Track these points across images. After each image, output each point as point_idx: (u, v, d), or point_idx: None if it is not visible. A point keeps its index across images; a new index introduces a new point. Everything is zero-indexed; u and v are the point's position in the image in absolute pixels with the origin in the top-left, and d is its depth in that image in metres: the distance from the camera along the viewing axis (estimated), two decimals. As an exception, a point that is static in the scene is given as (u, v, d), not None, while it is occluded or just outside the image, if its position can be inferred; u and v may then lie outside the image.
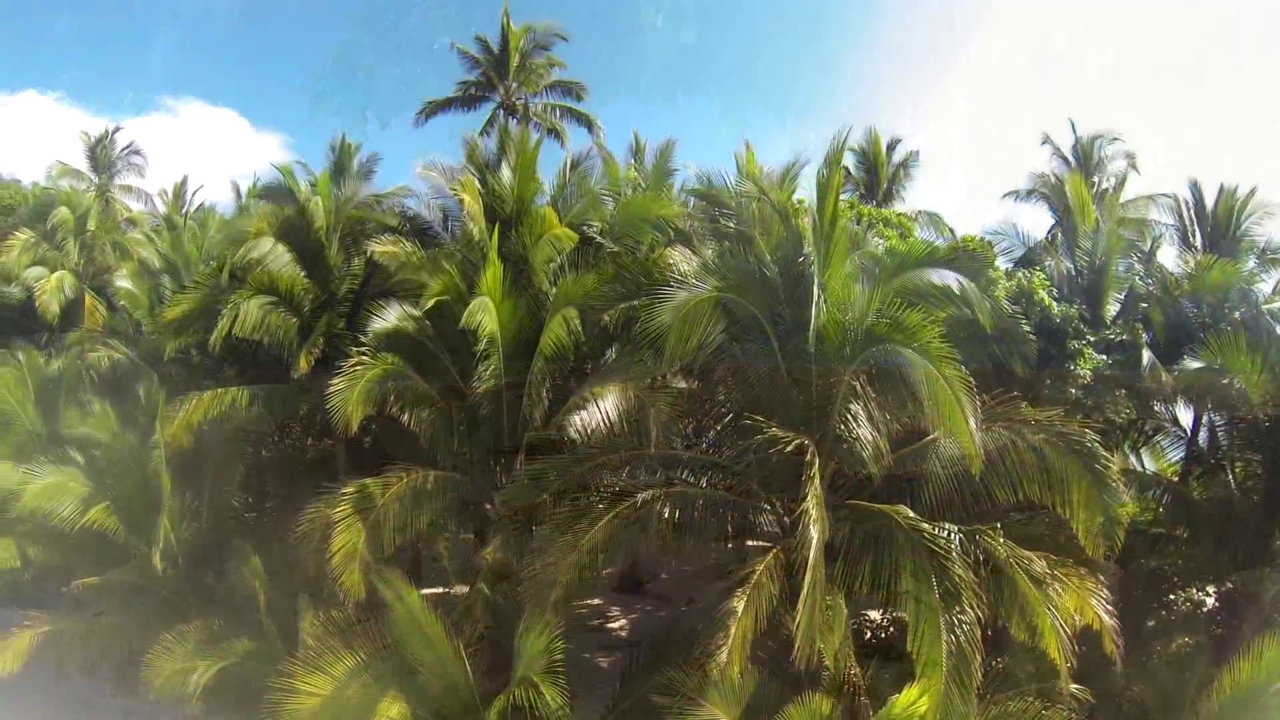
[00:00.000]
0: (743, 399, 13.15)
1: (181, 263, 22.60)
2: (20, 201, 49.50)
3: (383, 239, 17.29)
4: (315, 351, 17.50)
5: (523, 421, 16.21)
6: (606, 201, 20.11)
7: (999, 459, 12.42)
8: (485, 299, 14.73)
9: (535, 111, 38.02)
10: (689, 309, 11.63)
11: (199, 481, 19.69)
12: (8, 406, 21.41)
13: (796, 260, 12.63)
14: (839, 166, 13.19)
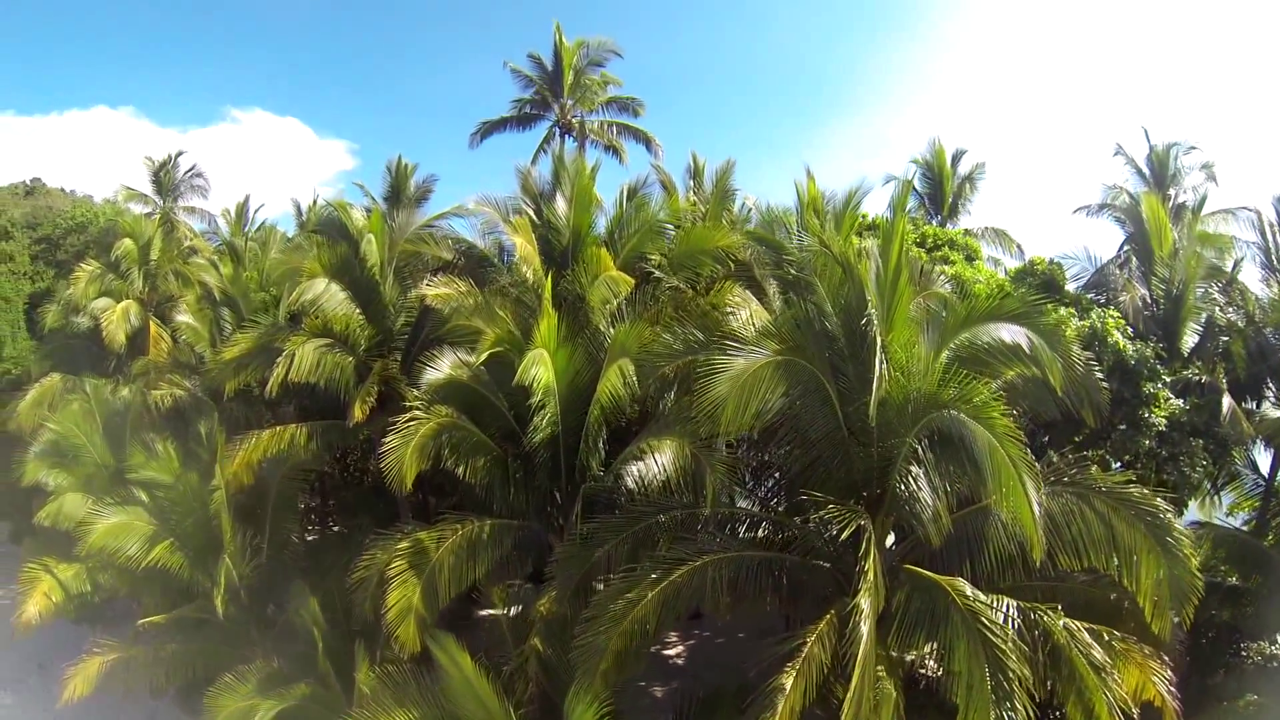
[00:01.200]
0: (803, 457, 12.70)
1: (240, 295, 22.89)
2: (91, 219, 50.99)
3: (435, 281, 17.17)
4: (370, 400, 17.53)
5: (580, 467, 15.99)
6: (666, 231, 19.73)
7: (1064, 525, 11.95)
8: (540, 352, 14.51)
9: (592, 129, 37.68)
10: (746, 379, 11.22)
11: (259, 517, 19.96)
12: (77, 440, 21.97)
13: (859, 317, 12.12)
14: (904, 213, 12.65)
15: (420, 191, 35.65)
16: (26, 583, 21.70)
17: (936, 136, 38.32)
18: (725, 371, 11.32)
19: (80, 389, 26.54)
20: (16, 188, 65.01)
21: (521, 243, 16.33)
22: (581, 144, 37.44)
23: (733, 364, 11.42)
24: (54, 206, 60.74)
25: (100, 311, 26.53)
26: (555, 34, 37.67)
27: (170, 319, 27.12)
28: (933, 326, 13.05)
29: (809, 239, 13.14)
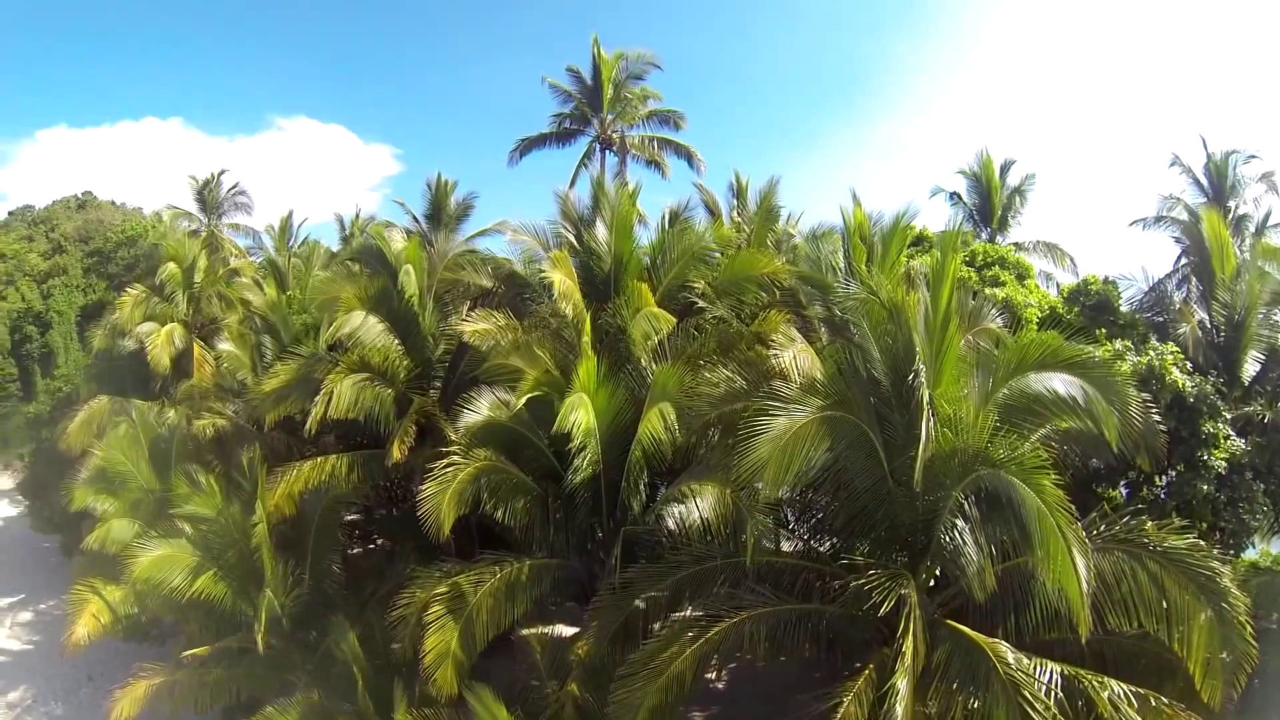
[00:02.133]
0: (846, 508, 12.34)
1: (280, 320, 22.99)
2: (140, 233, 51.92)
3: (473, 316, 17.00)
4: (408, 441, 17.44)
5: (621, 506, 15.75)
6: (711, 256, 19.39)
7: (1114, 584, 11.55)
8: (579, 396, 14.28)
9: (633, 144, 37.34)
10: (788, 439, 10.89)
11: (301, 547, 19.99)
12: (123, 466, 22.22)
13: (907, 364, 11.71)
14: (955, 254, 12.16)
15: (460, 209, 35.68)
16: (75, 604, 22.07)
17: (984, 147, 37.47)
18: (766, 433, 10.97)
19: (127, 412, 26.88)
20: (69, 201, 66.47)
21: (560, 278, 16.10)
22: (622, 159, 37.15)
23: (774, 423, 11.08)
24: (105, 220, 61.99)
25: (145, 336, 26.90)
26: (593, 47, 37.40)
27: (214, 341, 27.41)
28: (983, 371, 12.58)
29: (856, 286, 12.66)
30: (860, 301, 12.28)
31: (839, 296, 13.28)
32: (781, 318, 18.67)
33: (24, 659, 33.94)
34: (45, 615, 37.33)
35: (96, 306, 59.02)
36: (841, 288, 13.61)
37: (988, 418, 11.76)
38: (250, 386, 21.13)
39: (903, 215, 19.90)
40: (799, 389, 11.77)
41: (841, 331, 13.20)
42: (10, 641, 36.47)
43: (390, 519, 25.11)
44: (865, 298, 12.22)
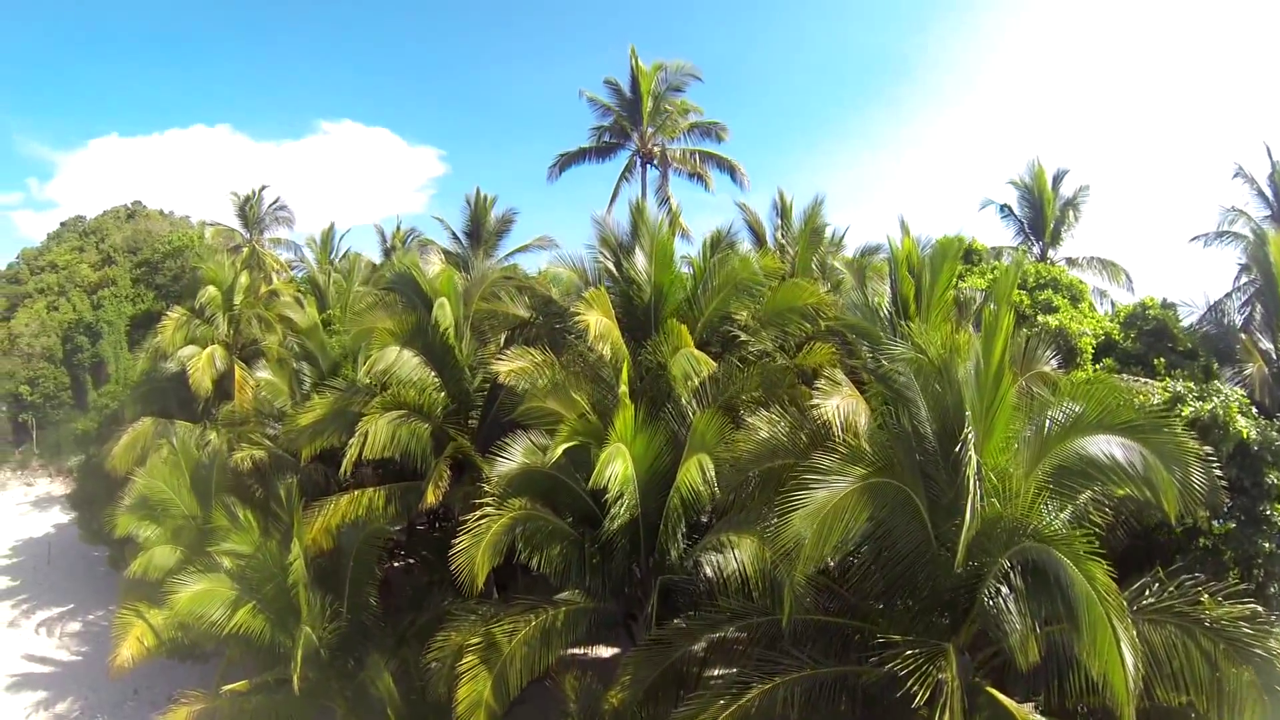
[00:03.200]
0: (887, 575, 11.79)
1: (318, 348, 22.93)
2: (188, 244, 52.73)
3: (508, 354, 16.64)
4: (442, 484, 17.22)
5: (659, 549, 15.35)
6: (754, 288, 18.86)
7: (1165, 659, 10.90)
8: (617, 447, 13.90)
9: (674, 157, 36.78)
10: (827, 513, 10.39)
11: (338, 581, 19.92)
12: (165, 495, 22.37)
13: (955, 421, 11.12)
14: (1008, 306, 11.51)
15: (500, 225, 35.56)
16: (120, 627, 22.34)
17: (1036, 158, 36.37)
18: (803, 507, 10.49)
19: (170, 434, 27.17)
20: (118, 211, 67.74)
21: (596, 319, 15.67)
22: (664, 173, 36.65)
23: (812, 496, 10.57)
24: (153, 230, 63.09)
25: (187, 359, 27.12)
26: (631, 59, 36.76)
27: (255, 363, 27.54)
28: (1034, 429, 11.90)
29: (904, 344, 12.04)
30: (908, 361, 11.69)
31: (885, 349, 12.71)
32: (827, 352, 18.16)
33: (72, 670, 34.49)
34: (93, 626, 37.95)
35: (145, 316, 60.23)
36: (888, 340, 12.98)
37: (1037, 481, 11.18)
38: (287, 416, 21.05)
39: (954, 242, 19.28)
40: (839, 459, 11.19)
41: (888, 382, 12.61)
42: (60, 651, 37.10)
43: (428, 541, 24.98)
44: (913, 357, 11.62)
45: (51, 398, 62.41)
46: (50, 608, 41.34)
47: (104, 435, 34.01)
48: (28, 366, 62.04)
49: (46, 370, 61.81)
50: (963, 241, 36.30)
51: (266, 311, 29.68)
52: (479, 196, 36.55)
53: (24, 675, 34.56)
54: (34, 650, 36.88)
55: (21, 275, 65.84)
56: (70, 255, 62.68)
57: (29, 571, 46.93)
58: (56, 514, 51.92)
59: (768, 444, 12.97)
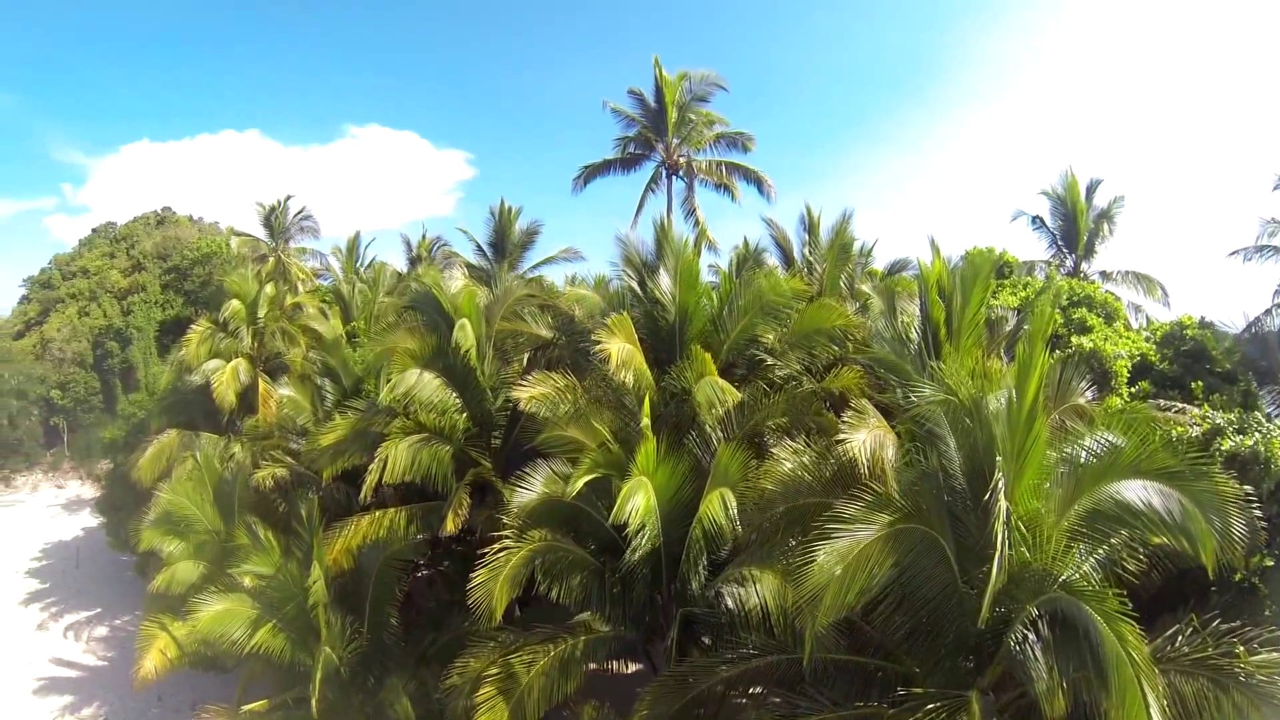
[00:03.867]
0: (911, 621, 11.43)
1: (340, 365, 22.87)
2: (217, 250, 53.11)
3: (529, 379, 16.42)
4: (461, 513, 17.06)
5: (681, 578, 15.07)
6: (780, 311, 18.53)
7: (1196, 710, 10.55)
8: (639, 480, 13.62)
9: (700, 168, 36.39)
10: (850, 562, 10.06)
11: (359, 601, 19.83)
12: (188, 510, 22.41)
13: (986, 463, 10.75)
14: (1043, 346, 11.05)
15: (525, 237, 35.44)
16: (144, 640, 22.46)
17: (1069, 167, 35.49)
18: (824, 557, 10.17)
19: (195, 446, 27.28)
20: (148, 218, 68.40)
21: (618, 346, 15.39)
22: (690, 185, 36.28)
23: (834, 547, 10.25)
24: (182, 237, 63.57)
25: (211, 373, 27.20)
26: (655, 68, 36.33)
27: (279, 376, 27.57)
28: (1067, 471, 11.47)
29: (933, 384, 11.64)
30: (938, 403, 11.32)
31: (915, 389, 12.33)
32: (854, 376, 17.79)
33: (98, 676, 34.73)
34: (120, 631, 38.21)
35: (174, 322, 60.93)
36: (917, 378, 12.58)
37: (1069, 525, 10.84)
38: (309, 434, 20.96)
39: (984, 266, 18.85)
40: (863, 508, 10.84)
41: (917, 422, 12.23)
42: (86, 656, 37.38)
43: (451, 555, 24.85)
44: (943, 399, 11.25)
45: (82, 402, 63.18)
46: (78, 611, 41.71)
47: (131, 444, 34.24)
48: (59, 371, 62.88)
49: (77, 375, 62.59)
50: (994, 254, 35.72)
51: (290, 325, 29.71)
52: (503, 208, 36.43)
53: (51, 679, 34.86)
54: (61, 654, 37.22)
55: (54, 280, 66.70)
56: (101, 261, 63.41)
57: (58, 574, 47.42)
58: (86, 517, 52.41)
59: (791, 482, 12.66)
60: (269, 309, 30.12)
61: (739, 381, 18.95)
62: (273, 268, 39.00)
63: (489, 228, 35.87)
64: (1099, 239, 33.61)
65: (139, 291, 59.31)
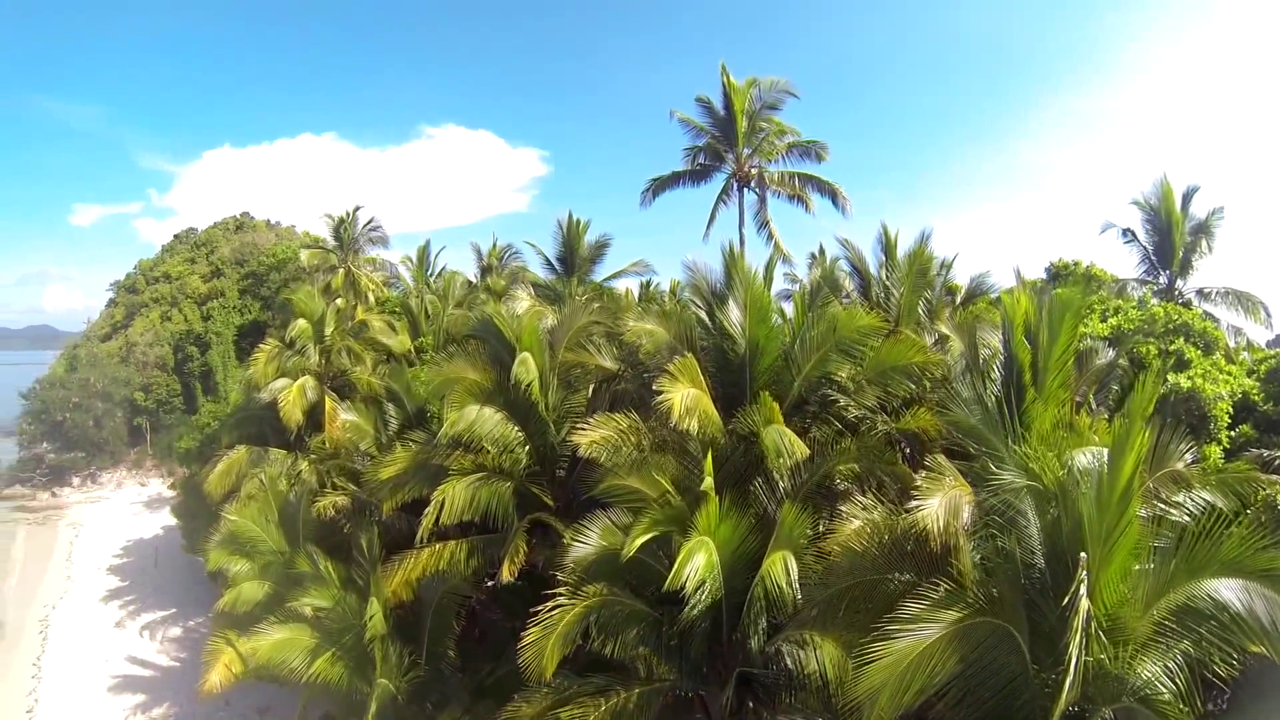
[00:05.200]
0: (975, 710, 10.50)
1: (403, 389, 22.73)
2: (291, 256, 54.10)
3: (591, 422, 15.83)
4: (518, 560, 16.65)
5: (740, 632, 14.38)
6: (854, 348, 17.63)
7: None
8: (700, 540, 12.98)
9: (772, 179, 35.28)
10: (911, 662, 9.26)
11: (418, 630, 19.75)
12: (253, 533, 22.62)
13: (1068, 552, 9.77)
14: (1142, 424, 9.91)
15: (594, 251, 35.07)
16: (210, 654, 22.82)
17: (1163, 174, 33.06)
18: (880, 659, 9.37)
19: (263, 461, 27.61)
20: (228, 223, 70.26)
21: (681, 394, 14.68)
22: (762, 198, 35.18)
23: (894, 646, 9.44)
24: (259, 243, 65.16)
25: (278, 391, 27.42)
26: (722, 75, 35.09)
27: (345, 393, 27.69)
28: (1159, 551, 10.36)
29: (1016, 473, 10.62)
30: (1021, 488, 10.38)
31: (995, 461, 11.37)
32: (930, 419, 16.84)
33: (169, 676, 35.61)
34: (193, 633, 39.13)
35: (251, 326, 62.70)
36: (997, 439, 11.59)
37: (1155, 619, 9.84)
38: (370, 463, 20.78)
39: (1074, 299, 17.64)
40: (930, 606, 9.98)
41: (995, 511, 11.27)
42: (160, 656, 38.38)
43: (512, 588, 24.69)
44: (1025, 484, 10.31)
45: (164, 403, 65.43)
46: (154, 610, 42.92)
47: (205, 454, 34.93)
48: (143, 374, 65.17)
49: (159, 378, 64.79)
50: (1084, 275, 33.96)
51: (355, 343, 29.83)
52: (571, 221, 36.01)
53: (125, 677, 35.86)
54: (136, 652, 38.30)
55: (138, 285, 69.03)
56: (182, 267, 65.32)
57: (137, 572, 48.93)
58: (166, 515, 53.87)
59: (856, 553, 11.77)
60: (335, 326, 30.27)
61: (810, 418, 18.19)
62: (342, 279, 39.35)
63: (557, 241, 35.50)
64: (1196, 254, 31.40)
65: (218, 297, 60.92)
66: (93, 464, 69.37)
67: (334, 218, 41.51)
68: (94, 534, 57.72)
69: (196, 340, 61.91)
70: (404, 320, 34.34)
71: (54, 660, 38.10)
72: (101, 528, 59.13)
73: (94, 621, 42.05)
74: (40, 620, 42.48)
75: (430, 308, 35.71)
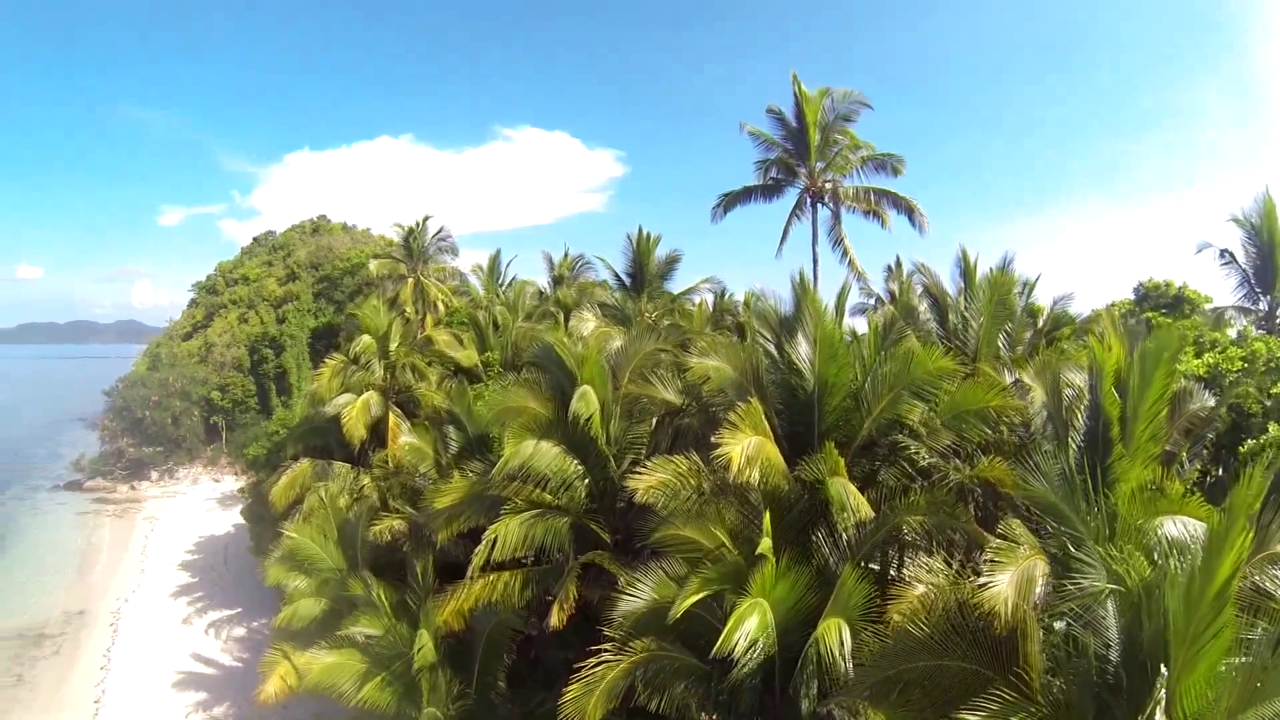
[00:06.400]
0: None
1: (464, 412, 22.53)
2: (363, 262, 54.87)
3: (649, 466, 15.25)
4: (568, 606, 16.18)
5: (792, 690, 13.67)
6: (927, 391, 16.76)
7: None
8: (755, 603, 12.39)
9: (846, 195, 34.24)
10: None
11: (468, 658, 19.49)
12: (312, 551, 22.71)
13: (1149, 658, 8.85)
14: (1245, 523, 8.84)
15: (664, 267, 34.70)
16: (267, 665, 23.13)
17: (1264, 188, 30.45)
18: None
19: (327, 475, 27.80)
20: (304, 226, 71.87)
21: (743, 446, 13.94)
22: (836, 214, 34.14)
23: None
24: (334, 246, 66.44)
25: (341, 408, 27.54)
26: (794, 84, 34.02)
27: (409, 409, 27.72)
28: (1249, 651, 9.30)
29: (1098, 574, 9.67)
30: (1102, 591, 9.47)
31: (1076, 540, 10.42)
32: (1005, 470, 15.88)
33: (231, 675, 36.15)
34: (256, 634, 39.72)
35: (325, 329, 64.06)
36: (1080, 521, 10.63)
37: None
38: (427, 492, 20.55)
39: (1171, 340, 16.43)
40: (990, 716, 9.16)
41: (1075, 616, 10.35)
42: (223, 655, 39.02)
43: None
44: (1108, 588, 9.40)
45: (239, 403, 67.27)
46: (220, 609, 43.73)
47: (273, 462, 35.44)
48: (219, 374, 67.14)
49: (236, 379, 66.65)
50: (1170, 285, 32.05)
51: (420, 359, 29.85)
52: (641, 236, 35.63)
53: (189, 674, 36.54)
54: (201, 650, 39.03)
55: (218, 286, 71.10)
56: (260, 270, 66.94)
57: (206, 569, 50.04)
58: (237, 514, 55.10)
59: (916, 641, 10.92)
60: (400, 340, 30.34)
61: (880, 460, 17.39)
62: (411, 289, 39.61)
63: (626, 257, 35.18)
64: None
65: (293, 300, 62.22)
66: (170, 460, 71.72)
67: (404, 227, 41.87)
68: (168, 528, 59.37)
69: (271, 343, 63.42)
70: (471, 333, 34.32)
71: (123, 652, 39.09)
72: (176, 523, 60.79)
73: (162, 616, 43.07)
74: (113, 612, 43.68)
75: (499, 318, 35.65)
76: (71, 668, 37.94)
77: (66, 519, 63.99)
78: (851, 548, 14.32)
